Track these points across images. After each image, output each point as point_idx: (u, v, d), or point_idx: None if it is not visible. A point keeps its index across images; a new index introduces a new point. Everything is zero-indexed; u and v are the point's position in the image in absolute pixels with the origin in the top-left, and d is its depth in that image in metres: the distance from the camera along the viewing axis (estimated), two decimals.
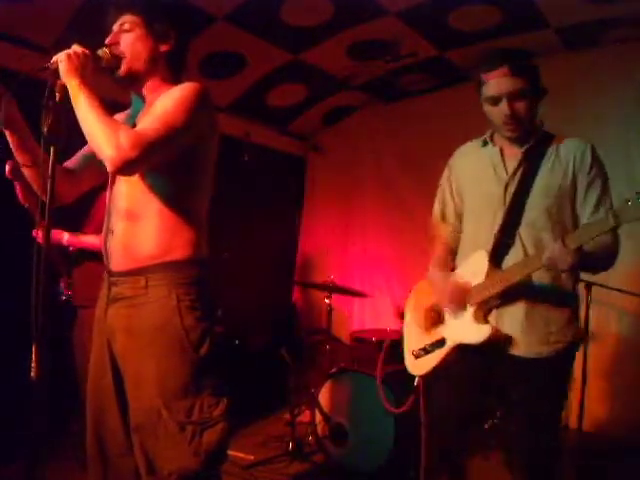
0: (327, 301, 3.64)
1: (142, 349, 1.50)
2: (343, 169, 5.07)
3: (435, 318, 1.87)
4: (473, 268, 1.76)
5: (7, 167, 1.59)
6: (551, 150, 1.73)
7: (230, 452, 1.70)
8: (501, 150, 1.80)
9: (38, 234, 1.35)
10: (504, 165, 1.77)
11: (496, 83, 1.67)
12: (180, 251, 1.54)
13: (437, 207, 2.02)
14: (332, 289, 3.63)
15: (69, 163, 1.72)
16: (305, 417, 3.46)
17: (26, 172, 1.58)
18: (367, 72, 4.23)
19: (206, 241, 1.63)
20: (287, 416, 3.46)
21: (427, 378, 1.90)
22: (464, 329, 1.74)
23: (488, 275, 1.69)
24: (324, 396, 3.17)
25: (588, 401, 3.12)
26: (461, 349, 1.75)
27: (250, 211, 4.44)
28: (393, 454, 2.84)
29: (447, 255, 1.95)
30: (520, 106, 1.67)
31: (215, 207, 1.71)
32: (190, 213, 1.58)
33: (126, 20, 1.56)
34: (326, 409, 3.12)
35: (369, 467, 2.92)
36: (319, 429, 3.14)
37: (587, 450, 3.07)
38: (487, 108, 1.76)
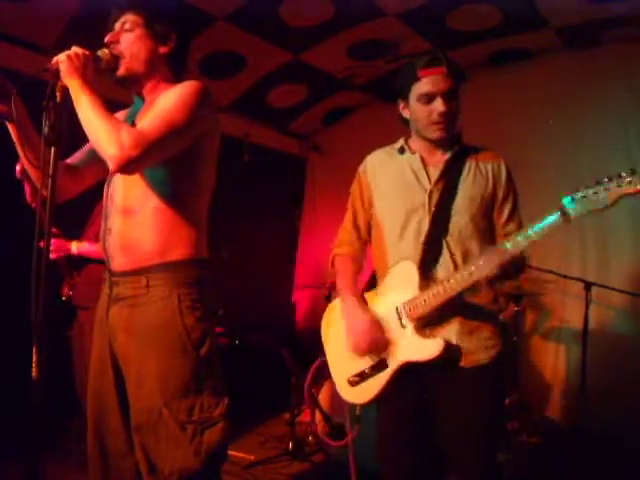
0: (327, 301, 3.65)
1: (143, 349, 1.50)
2: (343, 169, 5.03)
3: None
4: (401, 280, 1.68)
5: (17, 167, 1.59)
6: (470, 160, 1.73)
7: (230, 452, 1.70)
8: (422, 157, 1.76)
9: (44, 245, 1.34)
10: (426, 173, 1.74)
11: (433, 80, 1.66)
12: (181, 251, 1.55)
13: (347, 221, 1.93)
14: (332, 289, 3.63)
15: (72, 159, 1.72)
16: (305, 417, 3.46)
17: (30, 171, 1.58)
18: (367, 72, 4.23)
19: (206, 241, 1.63)
20: (287, 416, 3.46)
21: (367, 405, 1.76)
22: (410, 347, 1.64)
23: (420, 287, 1.63)
24: (324, 396, 3.17)
25: (587, 401, 3.13)
26: (402, 370, 1.66)
27: (250, 211, 4.44)
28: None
29: (356, 275, 1.87)
30: (453, 105, 1.67)
31: (215, 207, 1.72)
32: (190, 212, 1.58)
33: (127, 19, 1.57)
34: (326, 409, 3.12)
35: (369, 467, 2.91)
36: (319, 429, 3.15)
37: (587, 450, 3.07)
38: (415, 106, 1.71)
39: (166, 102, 1.47)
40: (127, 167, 1.39)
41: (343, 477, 3.01)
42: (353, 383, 1.75)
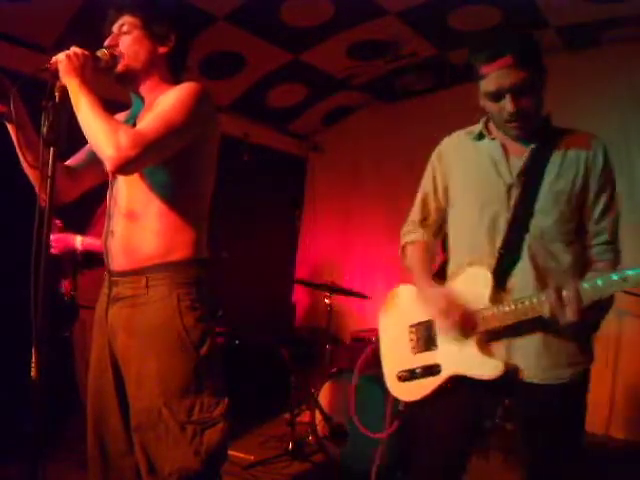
0: (327, 301, 3.65)
1: (143, 349, 1.50)
2: (343, 169, 5.07)
3: (425, 339, 1.63)
4: (472, 288, 1.51)
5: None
6: (560, 148, 1.50)
7: (230, 452, 1.70)
8: (503, 145, 1.55)
9: (53, 240, 1.34)
10: (507, 163, 1.53)
11: (497, 76, 1.42)
12: (180, 251, 1.54)
13: (417, 208, 1.79)
14: (332, 289, 3.64)
15: (71, 161, 1.72)
16: (305, 417, 3.46)
17: (29, 172, 1.58)
18: (367, 72, 4.23)
19: (206, 241, 1.63)
20: (287, 416, 3.46)
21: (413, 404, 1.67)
22: (467, 360, 1.50)
23: (492, 299, 1.47)
24: (324, 396, 3.17)
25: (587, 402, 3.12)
26: (453, 379, 1.54)
27: (250, 211, 4.45)
28: (393, 454, 2.84)
29: (430, 262, 1.71)
30: (526, 101, 1.43)
31: (215, 207, 1.71)
32: (191, 213, 1.58)
33: (125, 22, 1.56)
34: (326, 409, 3.12)
35: (369, 467, 2.91)
36: (319, 429, 3.14)
37: (587, 451, 3.05)
38: (485, 103, 1.52)
39: (165, 103, 1.47)
40: (125, 168, 1.38)
41: (343, 477, 3.01)
42: (401, 378, 1.66)
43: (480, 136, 1.61)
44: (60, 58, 1.40)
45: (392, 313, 1.80)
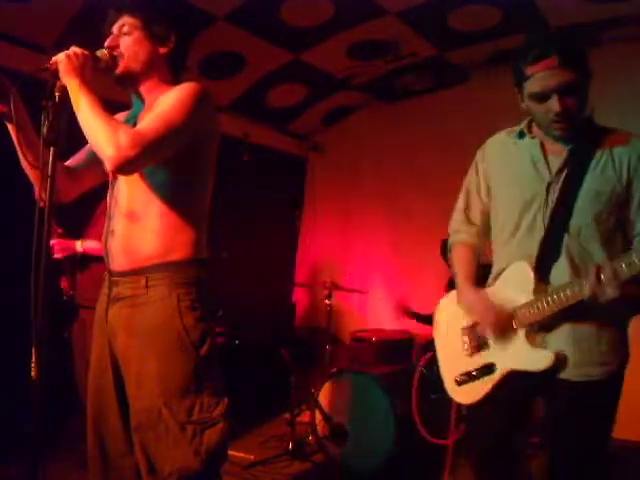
0: (327, 301, 3.65)
1: (143, 349, 1.50)
2: (343, 169, 5.08)
3: (477, 340, 1.66)
4: (515, 282, 1.56)
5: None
6: (601, 148, 1.50)
7: (230, 452, 1.70)
8: (542, 144, 1.58)
9: (54, 245, 1.35)
10: (546, 161, 1.55)
11: (544, 77, 1.43)
12: (180, 251, 1.55)
13: (460, 207, 1.81)
14: (332, 289, 3.64)
15: (71, 161, 1.72)
16: (305, 417, 3.46)
17: (29, 172, 1.58)
18: (367, 72, 4.23)
19: (206, 241, 1.63)
20: (287, 416, 3.46)
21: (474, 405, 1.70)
22: (519, 355, 1.54)
23: (535, 292, 1.50)
24: (324, 396, 3.17)
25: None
26: (509, 376, 1.58)
27: (250, 211, 4.45)
28: (393, 454, 2.84)
29: (475, 264, 1.74)
30: (572, 102, 1.44)
31: (215, 207, 1.72)
32: (190, 213, 1.58)
33: (125, 22, 1.56)
34: (326, 409, 3.12)
35: (369, 467, 2.92)
36: (319, 429, 3.15)
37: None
38: (530, 105, 1.52)
39: (164, 104, 1.47)
40: (124, 167, 1.38)
41: (343, 477, 3.02)
42: (460, 382, 1.69)
43: (521, 134, 1.64)
44: (60, 58, 1.40)
45: (443, 320, 1.85)
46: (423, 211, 4.44)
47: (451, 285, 4.15)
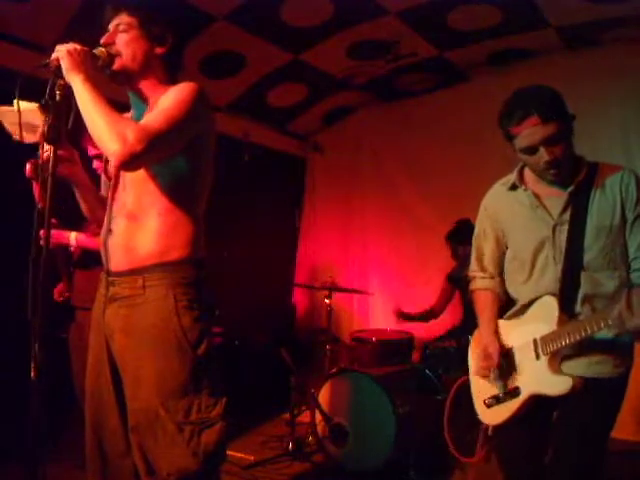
0: (327, 301, 3.65)
1: (140, 349, 1.50)
2: (343, 169, 5.07)
3: (505, 366, 1.79)
4: (540, 314, 1.70)
5: (28, 166, 1.58)
6: (597, 185, 1.65)
7: (230, 452, 1.70)
8: (534, 193, 1.72)
9: (44, 234, 1.35)
10: (544, 206, 1.70)
11: (529, 134, 1.58)
12: (178, 251, 1.54)
13: (474, 258, 1.95)
14: (332, 289, 3.64)
15: (103, 191, 1.79)
16: (305, 417, 3.46)
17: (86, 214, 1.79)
18: (367, 72, 4.23)
19: (204, 241, 1.63)
20: (287, 416, 3.46)
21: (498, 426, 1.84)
22: (541, 380, 1.67)
23: (559, 322, 1.63)
24: (324, 396, 3.17)
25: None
26: (533, 399, 1.71)
27: (250, 211, 4.44)
28: (393, 454, 2.84)
29: (496, 305, 1.89)
30: (559, 150, 1.59)
31: (215, 207, 1.72)
32: (188, 214, 1.58)
33: (122, 21, 1.56)
34: (326, 409, 3.12)
35: (369, 467, 2.91)
36: (319, 429, 3.14)
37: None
38: (523, 157, 1.68)
39: (166, 101, 1.48)
40: (130, 162, 1.38)
41: (343, 477, 3.01)
42: (488, 405, 1.83)
43: (513, 187, 1.79)
44: (61, 54, 1.40)
45: (477, 350, 1.97)
46: (423, 210, 4.44)
47: (449, 280, 4.15)
